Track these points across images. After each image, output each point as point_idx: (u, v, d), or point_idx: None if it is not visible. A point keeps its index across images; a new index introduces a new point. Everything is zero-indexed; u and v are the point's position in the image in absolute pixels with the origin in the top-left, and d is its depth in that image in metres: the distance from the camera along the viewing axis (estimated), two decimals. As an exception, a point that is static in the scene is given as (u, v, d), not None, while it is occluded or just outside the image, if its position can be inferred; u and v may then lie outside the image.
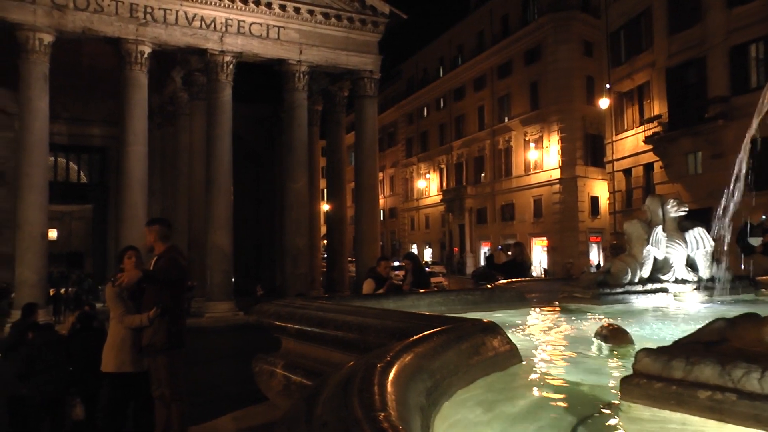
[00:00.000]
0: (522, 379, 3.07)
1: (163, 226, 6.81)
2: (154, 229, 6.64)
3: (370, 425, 1.48)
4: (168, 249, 6.54)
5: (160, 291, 6.30)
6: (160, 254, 6.47)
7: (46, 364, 8.06)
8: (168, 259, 6.39)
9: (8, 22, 22.79)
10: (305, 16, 27.26)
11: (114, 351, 6.48)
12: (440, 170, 55.92)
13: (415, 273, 10.69)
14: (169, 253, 6.50)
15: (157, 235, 6.58)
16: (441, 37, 55.90)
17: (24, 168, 23.24)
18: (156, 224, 6.78)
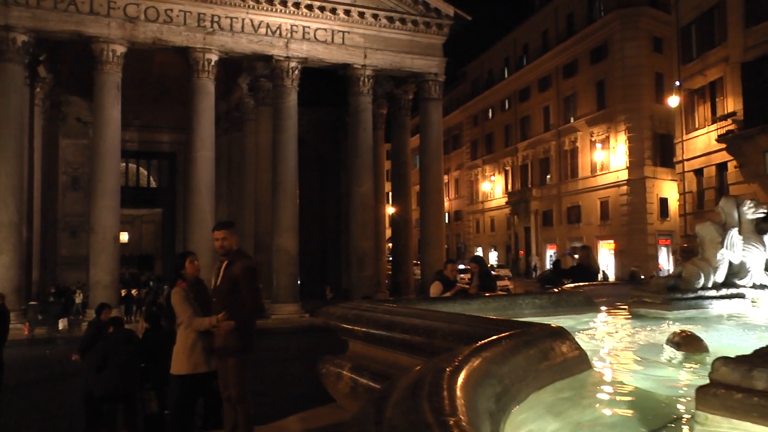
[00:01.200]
0: (591, 386, 3.01)
1: (236, 228, 6.63)
2: (233, 232, 6.39)
3: (440, 430, 1.48)
4: (238, 253, 6.35)
5: (231, 295, 6.12)
6: (231, 259, 6.20)
7: (120, 360, 8.39)
8: (247, 269, 6.16)
9: (85, 36, 23.85)
10: (369, 21, 27.43)
11: (185, 354, 6.47)
12: (505, 172, 55.33)
13: (482, 276, 10.59)
14: (243, 259, 6.29)
15: (235, 238, 6.37)
16: (505, 37, 55.34)
17: (98, 174, 24.15)
18: (232, 227, 6.52)
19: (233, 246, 6.27)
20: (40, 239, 30.39)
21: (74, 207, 33.06)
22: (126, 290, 28.68)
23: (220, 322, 5.95)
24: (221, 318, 6.07)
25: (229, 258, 6.20)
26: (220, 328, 5.96)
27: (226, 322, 5.93)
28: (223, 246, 6.20)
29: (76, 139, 33.11)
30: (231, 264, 6.15)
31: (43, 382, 13.86)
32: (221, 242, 6.21)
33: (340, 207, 33.68)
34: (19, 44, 23.23)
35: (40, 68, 28.46)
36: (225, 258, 6.23)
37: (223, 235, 6.23)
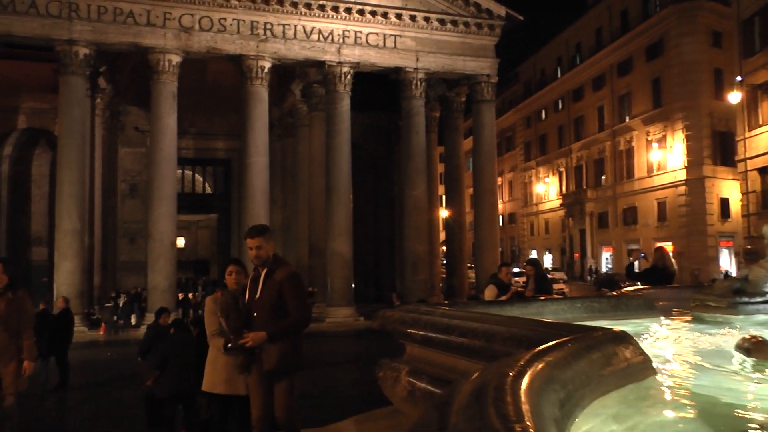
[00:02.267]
0: (656, 393, 2.93)
1: (271, 233, 5.92)
2: (269, 238, 5.69)
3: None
4: (278, 260, 5.72)
5: (275, 307, 5.52)
6: (271, 267, 5.59)
7: (179, 362, 8.58)
8: (292, 275, 5.61)
9: (142, 47, 24.51)
10: (421, 24, 27.41)
11: (207, 369, 6.14)
12: (559, 173, 54.61)
13: (538, 279, 10.47)
14: (284, 265, 5.71)
15: (272, 245, 5.74)
16: (558, 36, 54.68)
17: (155, 181, 24.74)
18: (268, 232, 5.79)
19: (270, 254, 5.65)
20: (101, 245, 31.25)
21: (133, 214, 33.94)
22: (183, 294, 29.30)
23: (250, 336, 5.36)
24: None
25: (268, 266, 5.59)
26: (250, 341, 5.32)
27: (257, 334, 5.34)
28: (260, 256, 5.57)
29: (134, 148, 33.99)
30: (271, 273, 5.57)
31: (106, 383, 14.21)
32: (257, 251, 5.57)
33: (393, 211, 33.75)
34: (81, 57, 23.97)
35: (100, 79, 29.32)
36: (263, 267, 5.61)
37: (258, 243, 5.58)
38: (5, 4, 23.13)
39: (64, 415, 12.47)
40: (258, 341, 5.34)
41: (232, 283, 6.09)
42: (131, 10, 24.32)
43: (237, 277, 6.07)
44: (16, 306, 7.49)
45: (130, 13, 24.31)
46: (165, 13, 24.60)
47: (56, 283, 23.31)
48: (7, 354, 7.52)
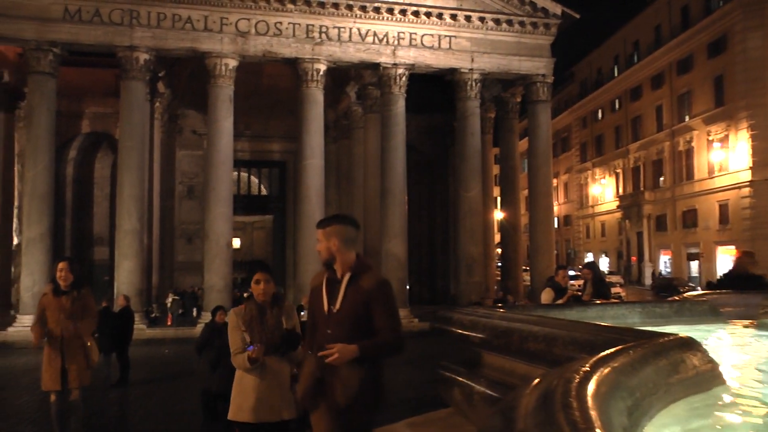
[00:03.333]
0: (726, 403, 2.83)
1: (344, 225, 4.33)
2: (334, 230, 4.25)
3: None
4: (361, 264, 4.27)
5: (361, 324, 4.12)
6: (355, 271, 4.18)
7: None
8: (381, 284, 4.20)
9: (199, 52, 25.05)
10: (476, 24, 27.26)
11: (233, 395, 5.25)
12: (616, 175, 53.55)
13: (595, 283, 10.30)
14: (372, 273, 4.27)
15: (340, 240, 4.22)
16: (615, 34, 53.55)
17: (211, 183, 25.20)
18: (348, 222, 4.40)
19: (341, 250, 4.24)
20: (159, 245, 31.99)
21: (190, 215, 34.65)
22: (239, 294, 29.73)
23: (336, 348, 3.98)
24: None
25: (352, 271, 4.18)
26: (336, 354, 3.93)
27: (346, 347, 3.96)
28: (327, 249, 4.23)
29: (191, 151, 34.69)
30: (356, 279, 4.15)
31: (164, 379, 14.53)
32: (325, 246, 4.25)
33: (448, 212, 33.63)
34: (142, 62, 24.63)
35: (159, 84, 30.00)
36: (329, 266, 4.29)
37: (326, 236, 4.26)
38: (72, 13, 24.01)
39: (125, 409, 12.81)
40: (346, 357, 3.89)
41: (260, 294, 5.19)
42: (189, 16, 24.88)
43: (266, 287, 5.20)
44: (80, 303, 7.77)
45: (188, 19, 24.87)
46: (222, 18, 25.08)
47: (117, 282, 23.97)
48: (73, 350, 7.80)
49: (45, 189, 24.35)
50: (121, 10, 24.41)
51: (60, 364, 7.75)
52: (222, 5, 25.00)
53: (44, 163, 24.38)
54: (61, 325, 7.74)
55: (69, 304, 7.73)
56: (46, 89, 24.46)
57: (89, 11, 24.21)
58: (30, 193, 24.32)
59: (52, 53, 24.18)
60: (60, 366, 7.75)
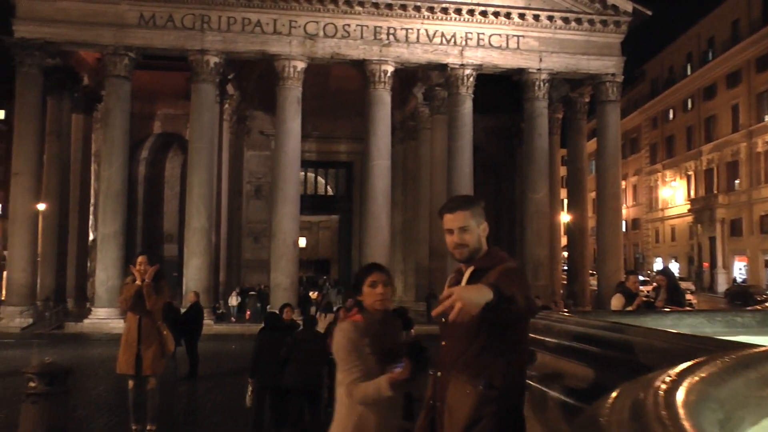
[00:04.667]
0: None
1: (482, 209, 3.35)
2: (478, 214, 3.28)
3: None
4: (492, 254, 3.27)
5: (483, 336, 3.02)
6: (480, 265, 3.17)
7: (302, 357, 8.85)
8: (511, 272, 3.11)
9: (268, 54, 25.52)
10: (544, 23, 26.87)
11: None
12: (687, 177, 51.91)
13: (669, 290, 9.98)
14: (502, 263, 3.17)
15: (485, 225, 3.31)
16: (689, 31, 51.78)
17: (279, 183, 25.58)
18: (477, 205, 3.34)
19: (482, 243, 3.26)
20: (227, 244, 32.58)
21: (256, 214, 35.23)
22: (304, 292, 30.16)
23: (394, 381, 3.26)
24: (396, 377, 3.31)
25: (476, 264, 3.20)
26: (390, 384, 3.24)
27: (402, 371, 3.28)
28: (464, 243, 3.20)
29: (258, 151, 35.26)
30: (482, 273, 3.10)
31: (231, 374, 14.77)
32: (459, 236, 3.21)
33: (514, 214, 33.25)
34: (212, 65, 25.22)
35: (229, 86, 30.56)
36: (468, 264, 3.24)
37: (461, 222, 3.21)
38: (146, 19, 24.85)
39: (195, 402, 13.19)
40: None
41: (378, 301, 3.64)
42: (259, 19, 25.33)
43: (386, 291, 3.65)
44: (155, 286, 8.08)
45: (257, 22, 25.32)
46: (291, 21, 25.45)
47: (185, 278, 24.56)
48: (149, 337, 8.07)
49: (119, 187, 25.19)
50: (192, 15, 25.04)
51: (136, 350, 8.00)
52: (291, 8, 25.36)
53: (119, 162, 25.20)
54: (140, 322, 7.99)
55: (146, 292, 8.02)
56: (122, 92, 25.29)
57: (163, 17, 24.96)
58: (105, 191, 25.18)
59: (128, 57, 25.00)
60: (136, 351, 8.01)
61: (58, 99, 28.09)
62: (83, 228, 30.46)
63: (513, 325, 3.07)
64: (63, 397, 6.97)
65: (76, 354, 18.60)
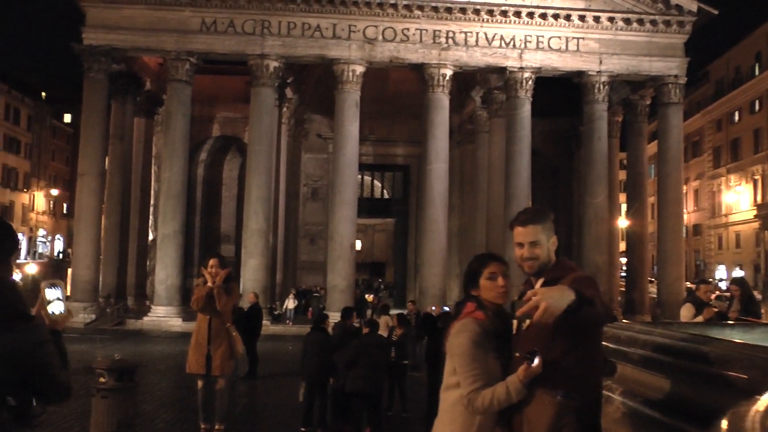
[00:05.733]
0: None
1: (550, 221, 3.39)
2: (548, 228, 3.34)
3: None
4: (562, 266, 3.32)
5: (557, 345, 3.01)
6: (551, 276, 3.20)
7: (369, 361, 8.91)
8: (582, 280, 3.10)
9: (328, 58, 25.78)
10: (605, 24, 26.38)
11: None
12: (754, 182, 50.23)
13: (744, 300, 9.65)
14: (573, 274, 3.18)
15: (554, 239, 3.35)
16: (757, 29, 50.03)
17: (337, 186, 25.80)
18: (547, 218, 3.38)
19: (551, 256, 3.31)
20: (283, 245, 32.93)
21: (313, 216, 35.56)
22: (360, 295, 30.25)
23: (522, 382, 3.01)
24: (523, 377, 3.00)
25: (547, 276, 3.24)
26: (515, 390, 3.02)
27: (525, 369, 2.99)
28: (535, 257, 3.26)
29: (316, 154, 35.59)
30: (551, 284, 3.06)
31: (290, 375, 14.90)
32: (530, 250, 3.26)
33: (572, 218, 32.75)
34: (271, 70, 25.58)
35: (287, 90, 30.90)
36: (537, 278, 3.28)
37: (532, 236, 3.27)
38: (208, 25, 25.44)
39: (255, 400, 13.45)
40: (555, 302, 2.71)
41: (499, 294, 3.37)
42: (318, 24, 25.58)
43: (505, 284, 3.38)
44: (226, 287, 8.20)
45: (317, 27, 25.58)
46: (350, 25, 25.62)
47: (243, 279, 24.89)
48: (219, 337, 8.19)
49: (179, 189, 25.76)
50: (253, 21, 25.47)
51: (206, 350, 8.13)
52: (350, 13, 25.53)
53: (179, 165, 25.77)
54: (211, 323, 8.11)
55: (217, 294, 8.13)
56: (183, 96, 25.86)
57: (224, 22, 25.44)
58: (165, 192, 25.77)
59: (189, 62, 25.57)
60: (206, 352, 8.13)
61: (122, 103, 28.84)
62: (143, 228, 31.21)
63: (589, 332, 3.07)
64: (131, 393, 7.16)
65: (137, 350, 19.09)
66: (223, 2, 25.33)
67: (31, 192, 61.53)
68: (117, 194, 28.44)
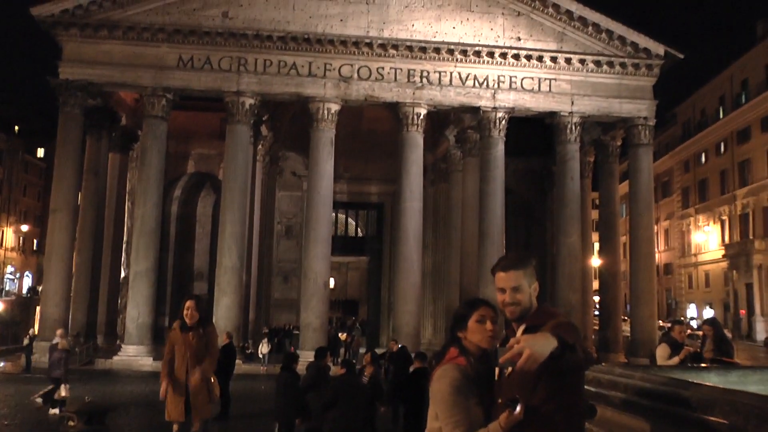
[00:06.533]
0: None
1: (535, 268, 3.44)
2: (530, 274, 3.36)
3: None
4: (544, 312, 3.35)
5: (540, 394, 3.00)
6: (531, 322, 3.23)
7: (348, 403, 8.76)
8: (559, 327, 3.04)
9: (303, 96, 25.94)
10: (576, 66, 26.94)
11: None
12: (721, 222, 51.03)
13: (716, 340, 9.71)
14: (554, 319, 3.19)
15: (536, 285, 3.38)
16: (721, 74, 51.40)
17: (311, 223, 25.80)
18: (530, 264, 3.40)
19: (533, 302, 3.34)
20: (257, 283, 32.64)
21: (287, 254, 35.45)
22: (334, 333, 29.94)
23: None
24: (515, 417, 2.95)
25: (528, 321, 3.27)
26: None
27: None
28: (517, 302, 3.29)
29: (290, 191, 35.61)
30: (533, 330, 3.11)
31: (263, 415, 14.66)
32: (512, 295, 3.30)
33: (545, 257, 32.95)
34: (247, 107, 25.69)
35: (263, 127, 30.97)
36: (519, 323, 3.32)
37: (514, 282, 3.29)
38: (185, 61, 25.53)
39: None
40: (537, 350, 2.76)
41: (485, 338, 3.38)
42: (294, 62, 25.79)
43: (494, 329, 3.40)
44: (205, 341, 8.06)
45: (293, 65, 25.78)
46: (326, 63, 25.85)
47: (215, 317, 24.48)
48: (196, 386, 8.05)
49: (152, 226, 25.51)
50: (230, 58, 25.61)
51: (185, 399, 7.99)
52: (326, 52, 25.78)
53: (153, 201, 25.57)
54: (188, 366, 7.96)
55: (195, 340, 8.00)
56: (159, 132, 25.79)
57: (201, 59, 25.55)
58: (139, 229, 25.50)
59: (165, 98, 25.57)
60: (185, 400, 7.99)
61: (97, 138, 28.66)
62: (116, 265, 30.77)
63: (571, 377, 3.08)
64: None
65: (107, 390, 18.68)
66: (200, 39, 25.46)
67: (0, 228, 60.51)
68: (89, 230, 28.03)
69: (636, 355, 26.03)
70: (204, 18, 25.75)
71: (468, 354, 3.34)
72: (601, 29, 27.04)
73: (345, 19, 26.23)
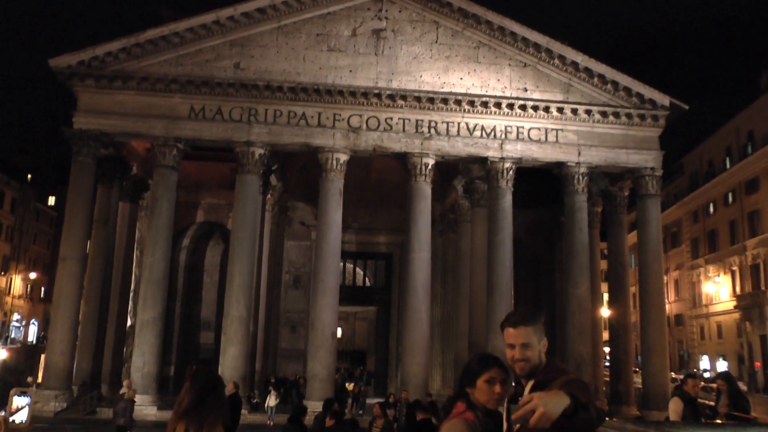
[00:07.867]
0: None
1: (541, 323, 3.45)
2: (539, 331, 3.39)
3: None
4: (554, 368, 3.35)
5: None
6: (541, 378, 3.26)
7: None
8: (570, 384, 3.10)
9: (312, 146, 26.20)
10: (582, 117, 27.14)
11: None
12: (732, 273, 50.55)
13: (731, 395, 9.54)
14: (564, 377, 3.22)
15: (545, 341, 3.40)
16: (727, 124, 51.52)
17: (319, 274, 25.76)
18: (539, 320, 3.41)
19: (542, 358, 3.34)
20: (264, 333, 32.47)
21: (294, 304, 35.32)
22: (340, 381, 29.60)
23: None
24: None
25: (537, 378, 3.28)
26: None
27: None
28: (527, 359, 3.30)
29: (298, 241, 35.66)
30: (542, 387, 3.14)
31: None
32: (521, 352, 3.31)
33: (555, 308, 32.69)
34: (257, 157, 25.93)
35: (272, 177, 31.19)
36: (528, 380, 3.32)
37: (524, 338, 3.32)
38: (196, 111, 25.92)
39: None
40: (552, 407, 2.74)
41: (492, 400, 3.41)
42: (304, 112, 26.11)
43: (502, 391, 3.41)
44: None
45: (302, 115, 26.09)
46: (335, 114, 26.17)
47: (221, 367, 24.41)
48: None
49: (160, 275, 25.52)
50: (240, 108, 25.98)
51: None
52: (335, 102, 26.11)
53: (162, 250, 25.63)
54: None
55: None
56: (169, 182, 26.01)
57: (212, 109, 25.93)
58: (147, 278, 25.50)
59: (176, 148, 25.86)
60: None
61: (108, 187, 28.89)
62: (122, 313, 30.72)
63: None
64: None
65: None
66: (212, 90, 25.87)
67: (9, 275, 60.61)
68: (97, 279, 28.07)
69: (648, 408, 25.61)
70: (216, 69, 26.22)
71: (475, 409, 3.36)
72: (607, 80, 27.32)
73: (354, 70, 26.64)
